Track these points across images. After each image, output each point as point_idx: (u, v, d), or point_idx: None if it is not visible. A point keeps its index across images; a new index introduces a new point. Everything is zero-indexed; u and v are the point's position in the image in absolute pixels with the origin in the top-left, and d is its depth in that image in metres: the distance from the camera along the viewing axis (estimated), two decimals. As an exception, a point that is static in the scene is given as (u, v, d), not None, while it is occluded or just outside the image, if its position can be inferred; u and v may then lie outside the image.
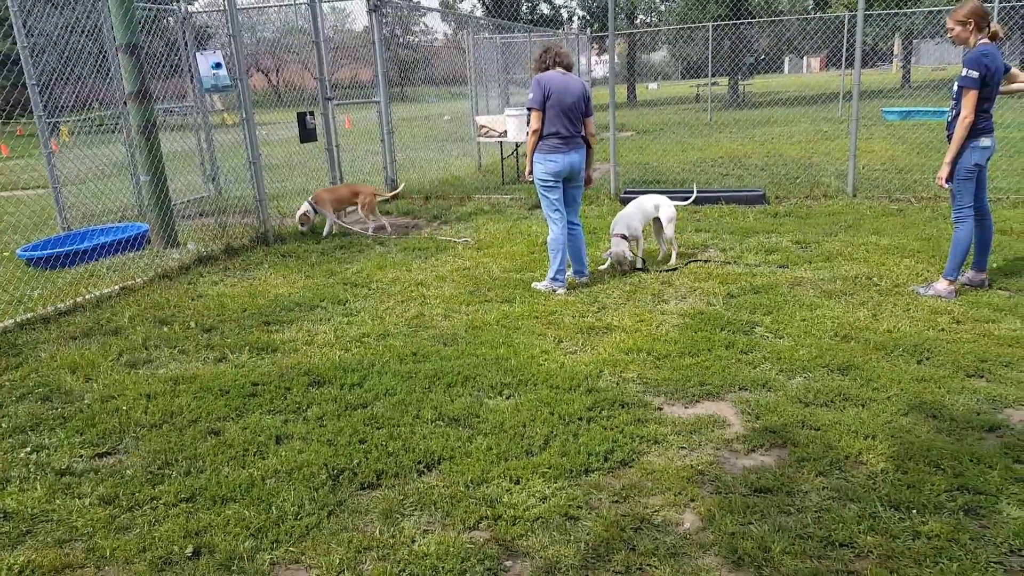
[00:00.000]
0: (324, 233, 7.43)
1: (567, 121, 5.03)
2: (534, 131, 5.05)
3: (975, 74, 4.33)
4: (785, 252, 5.91)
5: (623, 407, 3.43)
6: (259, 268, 6.40)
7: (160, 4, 9.16)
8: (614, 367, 3.90)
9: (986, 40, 4.41)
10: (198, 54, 6.90)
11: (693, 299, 4.96)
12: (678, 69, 32.54)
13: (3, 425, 3.52)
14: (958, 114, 4.44)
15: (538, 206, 8.67)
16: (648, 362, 3.94)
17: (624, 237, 5.53)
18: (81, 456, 3.22)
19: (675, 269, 5.65)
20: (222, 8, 6.94)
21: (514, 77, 16.16)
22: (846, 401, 3.35)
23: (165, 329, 4.87)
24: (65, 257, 6.46)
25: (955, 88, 4.48)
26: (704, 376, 3.70)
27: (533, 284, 5.43)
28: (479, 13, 26.98)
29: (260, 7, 10.41)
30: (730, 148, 12.67)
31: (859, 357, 3.80)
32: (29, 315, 5.12)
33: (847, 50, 16.83)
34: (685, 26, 20.98)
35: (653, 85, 35.63)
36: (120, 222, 7.95)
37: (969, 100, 4.37)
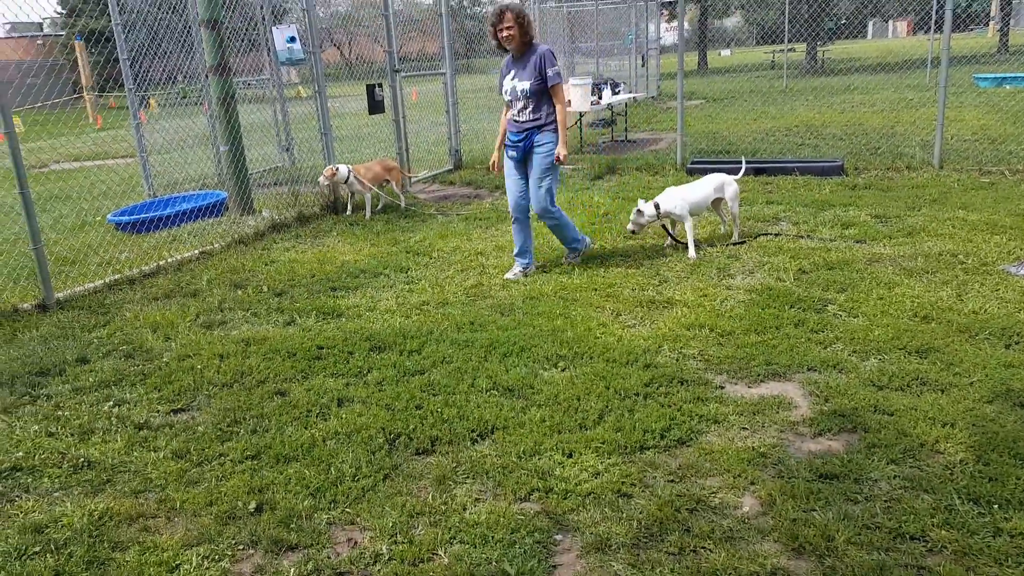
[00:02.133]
0: (372, 211, 7.25)
1: None
2: (563, 105, 4.84)
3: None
4: (863, 226, 5.60)
5: (682, 384, 3.34)
6: (328, 236, 6.53)
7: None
8: (674, 342, 3.80)
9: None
10: (274, 28, 7.03)
11: (761, 274, 4.77)
12: (753, 35, 31.15)
13: (90, 380, 3.73)
14: None
15: (601, 176, 8.56)
16: (710, 339, 3.82)
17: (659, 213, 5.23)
18: (158, 411, 3.37)
19: (743, 242, 5.44)
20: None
21: (580, 47, 15.83)
22: (924, 386, 3.17)
23: (239, 292, 5.04)
24: (150, 222, 6.77)
25: None
26: (770, 355, 3.56)
27: (567, 258, 5.31)
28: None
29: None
30: (807, 117, 12.07)
31: (940, 340, 3.57)
32: (116, 276, 5.40)
33: (937, 12, 15.64)
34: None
35: (726, 52, 34.26)
36: (201, 190, 8.26)
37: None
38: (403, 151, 8.48)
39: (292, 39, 6.85)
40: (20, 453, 3.04)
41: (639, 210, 5.21)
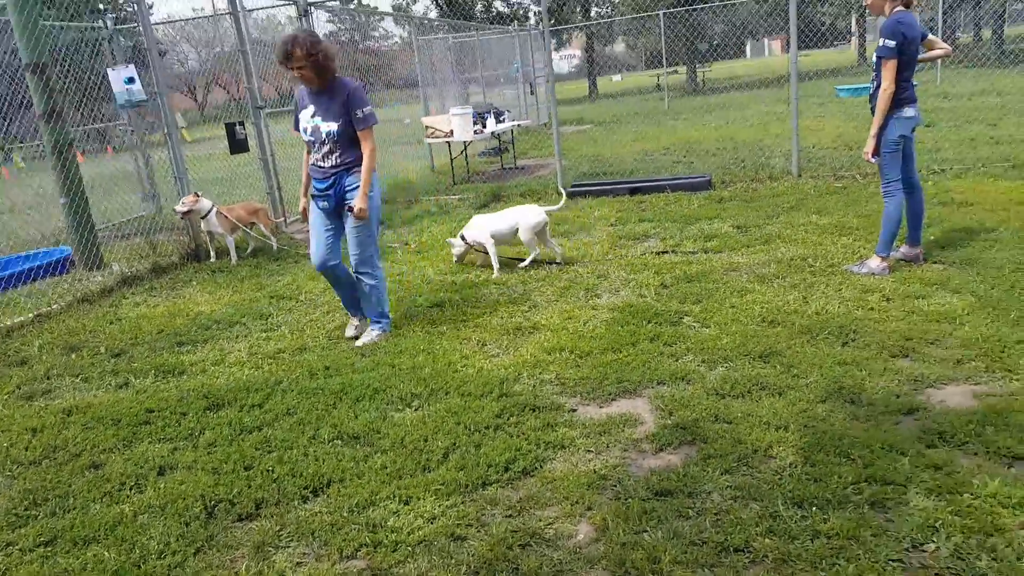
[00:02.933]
0: (238, 256, 6.91)
1: None
2: (375, 145, 4.07)
3: (892, 43, 4.21)
4: (724, 238, 5.77)
5: (534, 411, 3.26)
6: (187, 286, 6.16)
7: (87, 22, 8.86)
8: (533, 368, 3.73)
9: (901, 8, 4.29)
10: (109, 70, 6.62)
11: (626, 292, 4.80)
12: (641, 59, 32.53)
13: None
14: (879, 86, 4.32)
15: (486, 204, 8.53)
16: (569, 361, 3.77)
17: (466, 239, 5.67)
18: (-50, 502, 2.98)
19: (557, 263, 5.61)
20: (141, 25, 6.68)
21: (469, 77, 15.97)
22: (763, 391, 3.20)
23: (72, 357, 4.62)
24: None
25: (874, 59, 4.37)
26: (623, 372, 3.54)
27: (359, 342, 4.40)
28: (433, 14, 26.72)
29: (176, 20, 10.08)
30: (684, 135, 12.57)
31: (783, 343, 3.66)
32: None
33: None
34: (636, 16, 20.87)
35: (617, 77, 35.59)
36: (56, 246, 7.66)
37: (888, 70, 4.25)
38: (274, 190, 8.19)
39: (131, 80, 6.49)
40: None
41: (450, 242, 5.84)
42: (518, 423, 3.16)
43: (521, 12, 27.90)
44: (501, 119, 10.80)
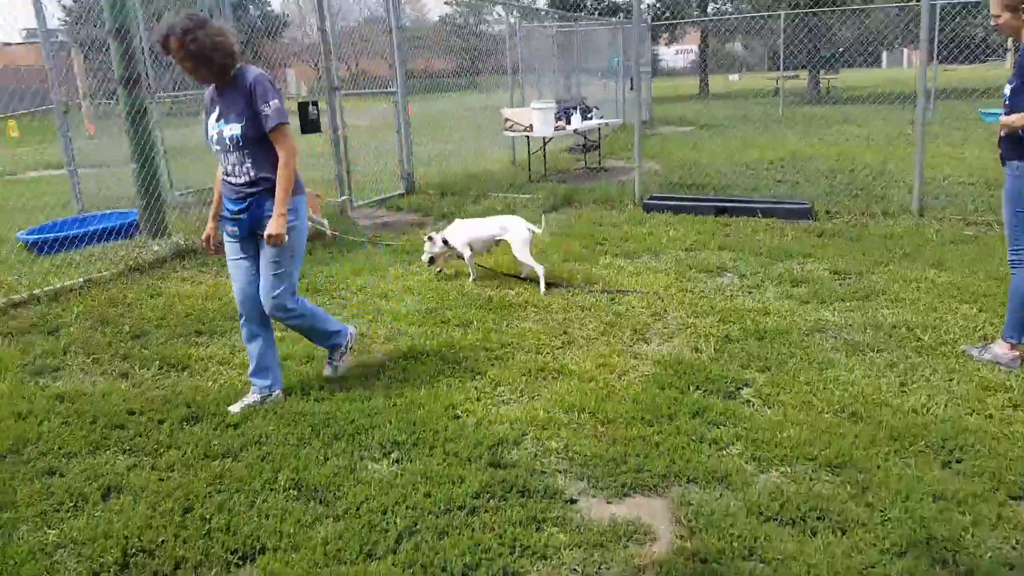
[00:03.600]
0: None
1: None
2: (294, 152, 3.18)
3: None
4: (816, 284, 4.87)
5: (523, 496, 2.64)
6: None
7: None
8: (542, 431, 3.10)
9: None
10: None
11: (680, 340, 4.06)
12: (763, 60, 30.54)
13: None
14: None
15: (555, 208, 7.88)
16: (587, 427, 3.12)
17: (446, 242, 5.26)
18: None
19: (623, 292, 4.84)
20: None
21: (570, 68, 15.25)
22: (821, 520, 2.43)
23: (97, 332, 4.43)
24: (58, 242, 6.20)
25: (1006, 93, 3.41)
26: (648, 458, 2.85)
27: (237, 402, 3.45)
28: (542, 2, 25.99)
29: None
30: (795, 149, 11.34)
31: (862, 449, 2.84)
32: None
33: (938, 42, 14.87)
34: (753, 15, 19.29)
35: (734, 76, 33.59)
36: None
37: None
38: (343, 174, 7.86)
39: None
40: None
41: (431, 237, 5.28)
42: (499, 510, 2.55)
43: (627, 4, 26.71)
44: (589, 116, 10.06)
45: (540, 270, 4.99)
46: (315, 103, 7.58)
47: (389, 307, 4.78)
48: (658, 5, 25.97)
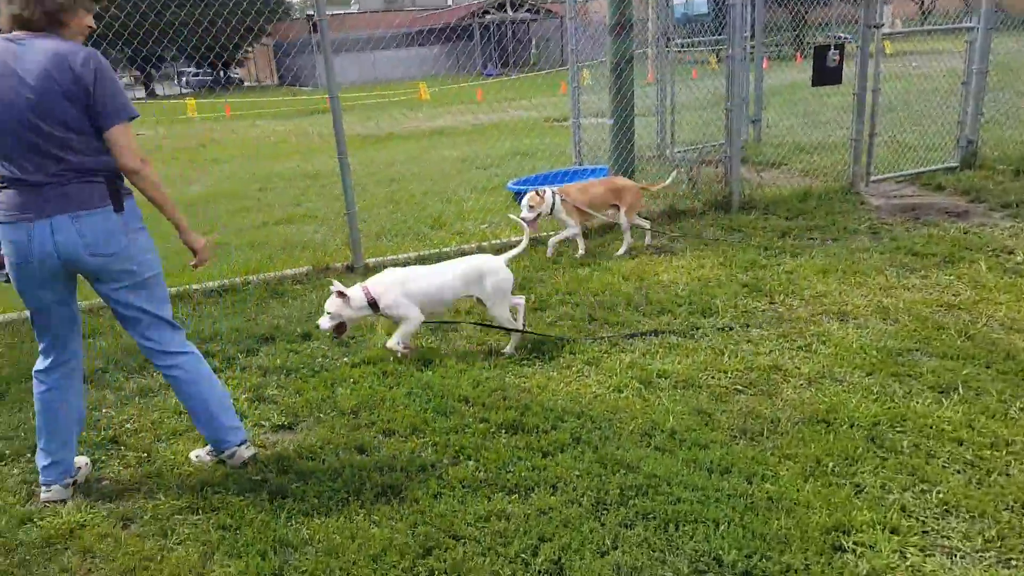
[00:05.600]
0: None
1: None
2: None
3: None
4: None
5: None
6: (680, 241, 5.18)
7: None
8: None
9: None
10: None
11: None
12: None
13: (276, 362, 3.61)
14: None
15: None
16: None
17: None
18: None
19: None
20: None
21: None
22: None
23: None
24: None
25: None
26: None
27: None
28: None
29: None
30: None
31: None
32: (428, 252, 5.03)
33: None
34: None
35: None
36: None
37: None
38: (863, 137, 6.14)
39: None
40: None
41: (341, 293, 3.26)
42: None
43: None
44: None
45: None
46: (839, 47, 6.08)
47: (844, 335, 3.37)
48: None
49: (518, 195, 6.55)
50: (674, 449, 2.59)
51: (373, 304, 3.25)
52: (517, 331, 3.48)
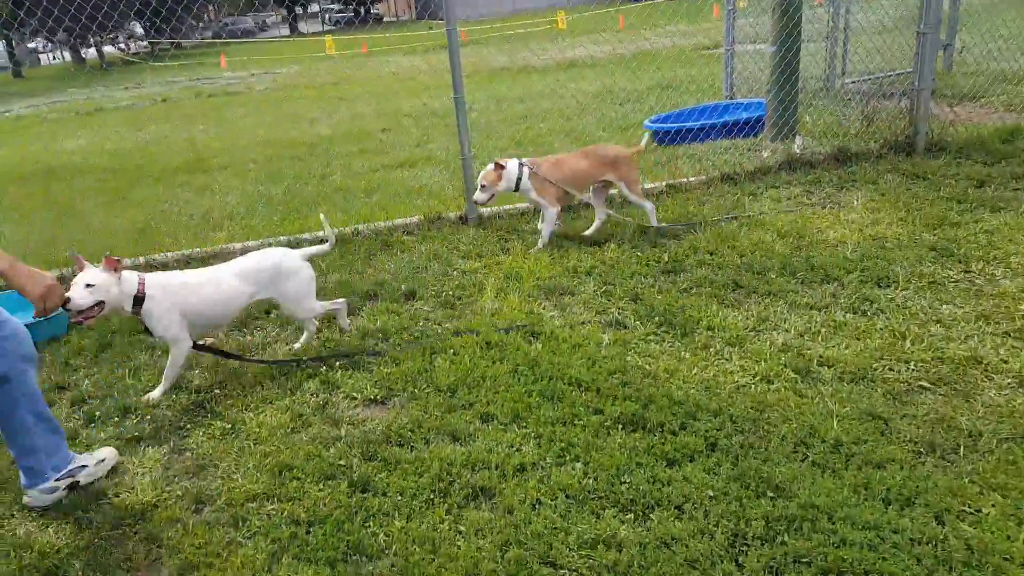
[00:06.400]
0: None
1: None
2: None
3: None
4: None
5: None
6: (850, 191, 4.36)
7: None
8: None
9: None
10: None
11: None
12: None
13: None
14: None
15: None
16: None
17: None
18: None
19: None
20: None
21: None
22: None
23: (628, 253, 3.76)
24: (679, 134, 5.84)
25: None
26: None
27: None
28: None
29: None
30: None
31: None
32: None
33: None
34: None
35: None
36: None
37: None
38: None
39: None
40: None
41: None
42: None
43: None
44: None
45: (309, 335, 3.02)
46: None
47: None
48: None
49: (656, 134, 5.88)
50: (838, 467, 2.04)
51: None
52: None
